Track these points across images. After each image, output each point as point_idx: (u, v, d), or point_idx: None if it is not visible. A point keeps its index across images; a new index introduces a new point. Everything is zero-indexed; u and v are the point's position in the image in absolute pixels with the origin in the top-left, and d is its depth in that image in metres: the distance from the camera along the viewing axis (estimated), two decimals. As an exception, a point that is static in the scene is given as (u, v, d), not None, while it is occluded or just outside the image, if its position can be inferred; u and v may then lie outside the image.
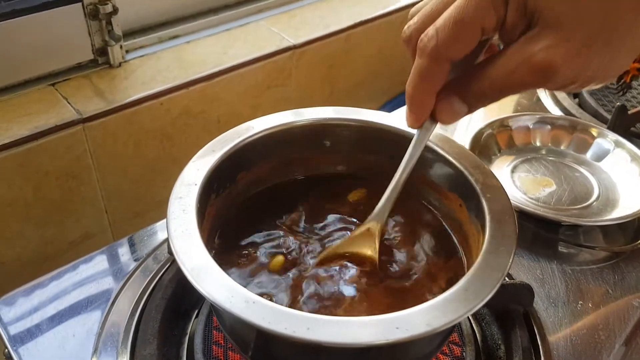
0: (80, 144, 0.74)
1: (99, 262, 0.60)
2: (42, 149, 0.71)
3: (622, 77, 0.86)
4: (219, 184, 0.49)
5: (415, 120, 0.40)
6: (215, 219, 0.49)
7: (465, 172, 0.48)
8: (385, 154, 0.52)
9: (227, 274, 0.39)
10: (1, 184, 0.70)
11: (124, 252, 0.62)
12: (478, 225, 0.46)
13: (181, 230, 0.41)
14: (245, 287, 0.38)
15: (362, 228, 0.46)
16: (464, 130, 0.80)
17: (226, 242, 0.49)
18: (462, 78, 0.37)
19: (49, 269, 0.58)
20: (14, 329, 0.53)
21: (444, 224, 0.51)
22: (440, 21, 0.35)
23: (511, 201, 0.45)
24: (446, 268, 0.48)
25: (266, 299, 0.40)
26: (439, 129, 0.47)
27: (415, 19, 0.38)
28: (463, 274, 0.40)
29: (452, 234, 0.50)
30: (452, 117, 0.38)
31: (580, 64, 0.33)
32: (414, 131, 0.48)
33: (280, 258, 0.47)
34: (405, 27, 0.39)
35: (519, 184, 0.70)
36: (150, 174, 0.83)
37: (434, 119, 0.40)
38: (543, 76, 0.33)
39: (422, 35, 0.36)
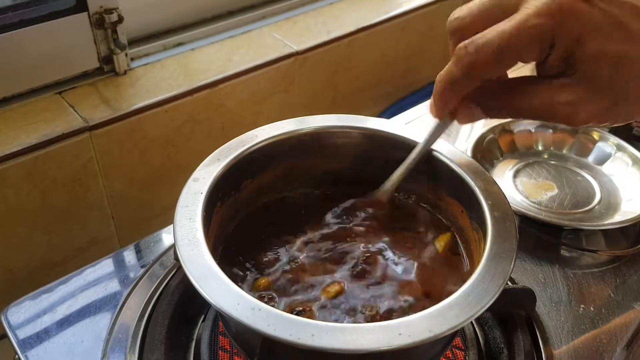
0: (87, 151, 0.75)
1: (107, 267, 0.61)
2: (49, 157, 0.72)
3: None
4: (224, 192, 0.50)
5: (437, 114, 0.42)
6: (220, 226, 0.50)
7: (467, 179, 0.49)
8: (388, 162, 0.52)
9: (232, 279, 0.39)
10: (9, 191, 0.71)
11: (130, 258, 0.63)
12: (479, 231, 0.46)
13: (188, 239, 0.42)
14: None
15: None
16: (466, 134, 0.81)
17: (230, 250, 0.50)
18: (487, 91, 0.38)
19: (56, 275, 0.59)
20: (23, 334, 0.54)
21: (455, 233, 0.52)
22: (486, 39, 0.35)
23: (513, 205, 0.46)
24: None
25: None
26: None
27: (465, 11, 0.38)
28: (464, 279, 0.40)
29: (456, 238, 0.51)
30: (469, 121, 0.41)
31: (605, 118, 0.35)
32: (417, 139, 0.50)
33: (265, 281, 0.47)
34: (453, 16, 0.39)
35: (521, 188, 0.71)
36: (156, 181, 0.84)
37: (453, 115, 0.42)
38: (564, 122, 0.35)
39: (464, 44, 0.36)
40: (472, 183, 0.48)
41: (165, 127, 0.82)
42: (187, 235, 0.43)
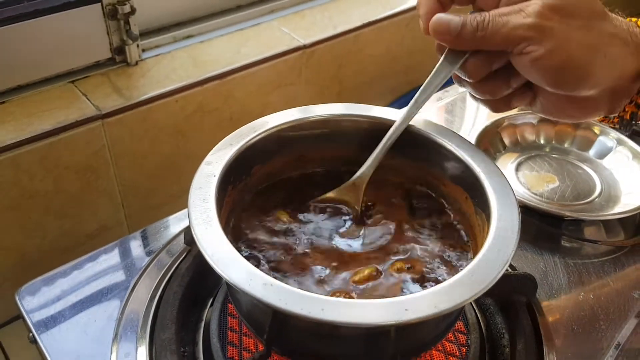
0: (99, 139, 0.76)
1: (117, 252, 0.63)
2: (63, 144, 0.74)
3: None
4: (236, 176, 0.51)
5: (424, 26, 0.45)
6: (231, 210, 0.52)
7: (472, 166, 0.51)
8: (394, 147, 0.54)
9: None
10: (23, 176, 0.73)
11: (140, 243, 0.65)
12: (483, 216, 0.48)
13: (202, 218, 0.44)
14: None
15: (349, 182, 0.52)
16: (469, 127, 0.82)
17: (239, 229, 0.51)
18: None
19: (67, 259, 0.60)
20: (38, 315, 0.56)
21: (451, 215, 0.53)
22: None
23: (515, 196, 0.47)
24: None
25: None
26: (445, 124, 0.50)
27: None
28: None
29: (458, 224, 0.52)
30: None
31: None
32: (424, 128, 0.51)
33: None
34: None
35: (523, 180, 0.72)
36: (165, 169, 0.85)
37: (451, 57, 0.44)
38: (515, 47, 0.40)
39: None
40: (477, 170, 0.50)
41: (175, 116, 0.83)
42: (201, 215, 0.44)
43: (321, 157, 0.56)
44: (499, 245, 0.42)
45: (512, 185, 0.70)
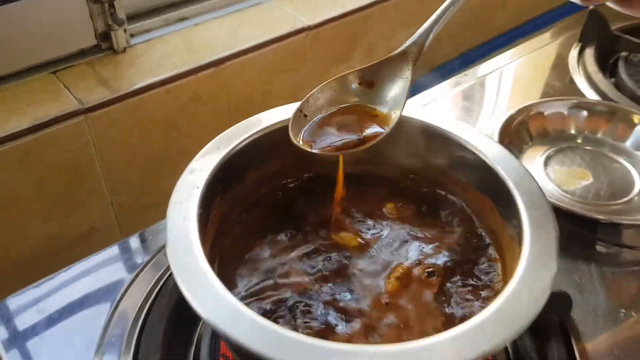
0: (83, 135, 0.70)
1: (105, 260, 0.57)
2: (44, 141, 0.68)
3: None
4: (225, 185, 0.45)
5: None
6: (220, 223, 0.45)
7: (499, 172, 0.44)
8: (404, 151, 0.47)
9: (233, 281, 0.35)
10: (3, 177, 0.67)
11: (133, 247, 0.59)
12: (513, 232, 0.41)
13: (180, 242, 0.37)
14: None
15: (399, 50, 0.46)
16: (489, 115, 0.74)
17: (232, 249, 0.45)
18: None
19: (55, 264, 0.55)
20: (20, 326, 0.51)
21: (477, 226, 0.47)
22: None
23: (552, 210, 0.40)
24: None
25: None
26: (463, 112, 0.43)
27: None
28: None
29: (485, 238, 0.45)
30: None
31: None
32: (434, 122, 0.45)
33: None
34: None
35: (553, 176, 0.65)
36: (158, 165, 0.79)
37: None
38: None
39: None
40: (504, 176, 0.43)
41: (168, 107, 0.77)
42: (179, 237, 0.38)
43: (326, 158, 0.49)
44: (532, 277, 0.35)
45: (541, 182, 0.63)
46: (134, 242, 0.60)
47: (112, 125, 0.72)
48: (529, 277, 0.36)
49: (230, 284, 0.40)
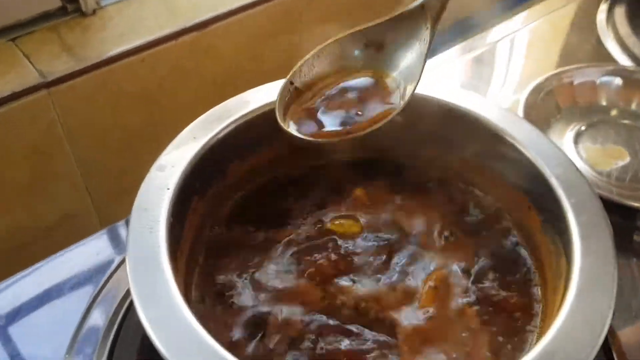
0: (46, 112, 0.63)
1: (80, 255, 0.50)
2: (2, 121, 0.60)
3: None
4: (203, 182, 0.37)
5: None
6: (199, 227, 0.37)
7: (536, 162, 0.36)
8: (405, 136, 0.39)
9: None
10: (-43, 163, 0.60)
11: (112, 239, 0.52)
12: (556, 239, 0.33)
13: (145, 261, 0.30)
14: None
15: (415, 4, 0.38)
16: (514, 86, 0.66)
17: (214, 258, 0.37)
18: None
19: (25, 258, 0.49)
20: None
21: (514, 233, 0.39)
22: None
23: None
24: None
25: None
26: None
27: None
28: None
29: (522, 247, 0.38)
30: None
31: None
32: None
33: None
34: None
35: (585, 155, 0.57)
36: (136, 144, 0.73)
37: None
38: None
39: None
40: (546, 171, 0.35)
41: (144, 79, 0.70)
42: (144, 256, 0.30)
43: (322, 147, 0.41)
44: (585, 305, 0.28)
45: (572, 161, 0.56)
46: (114, 231, 0.53)
47: (79, 100, 0.65)
48: (583, 305, 0.28)
49: (208, 317, 0.32)
